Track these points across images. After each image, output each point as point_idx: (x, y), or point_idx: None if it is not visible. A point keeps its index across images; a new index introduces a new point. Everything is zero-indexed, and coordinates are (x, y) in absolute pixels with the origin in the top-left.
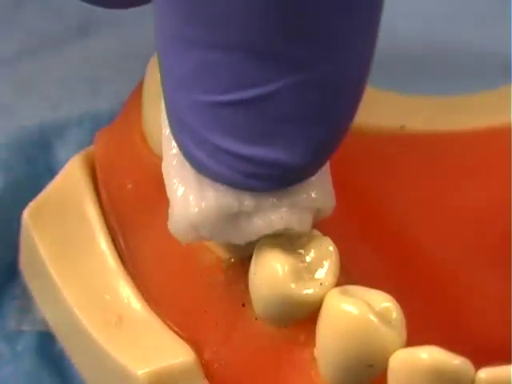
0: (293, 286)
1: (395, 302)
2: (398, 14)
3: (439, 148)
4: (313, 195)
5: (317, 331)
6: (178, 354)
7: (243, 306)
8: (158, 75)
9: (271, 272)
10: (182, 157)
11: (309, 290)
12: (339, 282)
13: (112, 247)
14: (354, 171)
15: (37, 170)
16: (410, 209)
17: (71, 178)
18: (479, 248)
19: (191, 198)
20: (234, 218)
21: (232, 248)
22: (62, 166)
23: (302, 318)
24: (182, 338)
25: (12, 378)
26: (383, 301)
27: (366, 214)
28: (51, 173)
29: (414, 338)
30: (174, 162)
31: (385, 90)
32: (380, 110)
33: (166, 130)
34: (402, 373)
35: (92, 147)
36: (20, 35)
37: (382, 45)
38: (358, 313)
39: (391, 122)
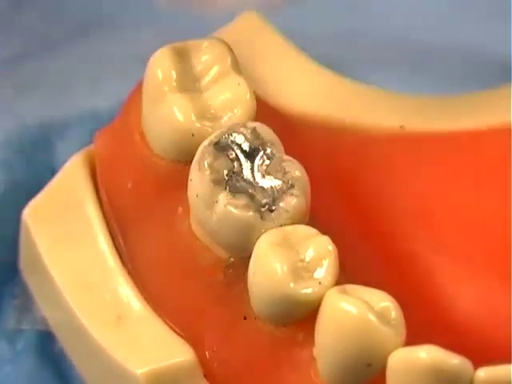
0: (292, 285)
1: (394, 301)
2: (398, 14)
3: (439, 148)
4: None
5: (316, 330)
6: (177, 353)
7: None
8: (159, 75)
9: (270, 271)
10: None
11: (308, 290)
12: (338, 281)
13: (112, 246)
14: (353, 171)
15: (37, 170)
16: (409, 208)
17: (71, 178)
18: (478, 248)
19: None
20: None
21: (232, 248)
22: (62, 165)
23: (301, 317)
24: (181, 337)
25: (11, 377)
26: (382, 300)
27: (366, 213)
28: (51, 172)
29: (412, 338)
30: None
31: (384, 90)
32: (379, 109)
33: None
34: (401, 372)
35: (92, 147)
36: (20, 36)
37: (382, 45)
38: (356, 312)
39: (391, 122)
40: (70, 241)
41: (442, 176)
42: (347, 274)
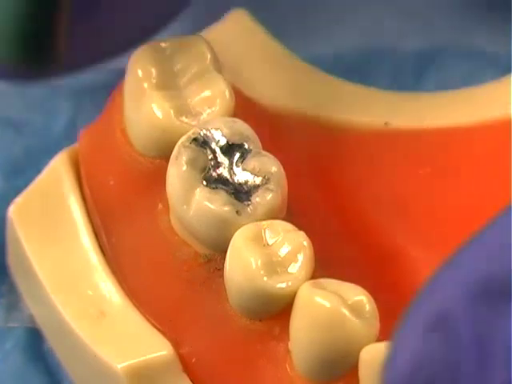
0: (266, 279)
1: (368, 295)
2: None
3: (427, 144)
4: None
5: (290, 324)
6: (156, 348)
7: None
8: (139, 73)
9: (244, 266)
10: None
11: (282, 284)
12: (314, 276)
13: (95, 243)
14: (335, 167)
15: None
16: (392, 205)
17: (56, 176)
18: None
19: None
20: None
21: (209, 243)
22: None
23: (276, 312)
24: (161, 332)
25: (1, 376)
26: (356, 294)
27: (347, 208)
28: None
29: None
30: None
31: (369, 88)
32: (364, 106)
33: None
34: (372, 367)
35: (76, 145)
36: None
37: (382, 44)
38: (329, 305)
39: (375, 119)
40: (54, 237)
41: (427, 173)
42: (326, 270)
